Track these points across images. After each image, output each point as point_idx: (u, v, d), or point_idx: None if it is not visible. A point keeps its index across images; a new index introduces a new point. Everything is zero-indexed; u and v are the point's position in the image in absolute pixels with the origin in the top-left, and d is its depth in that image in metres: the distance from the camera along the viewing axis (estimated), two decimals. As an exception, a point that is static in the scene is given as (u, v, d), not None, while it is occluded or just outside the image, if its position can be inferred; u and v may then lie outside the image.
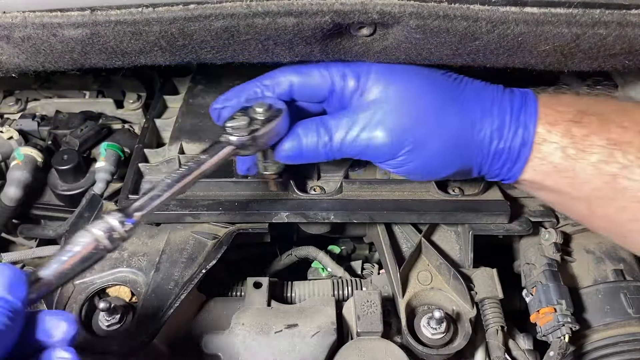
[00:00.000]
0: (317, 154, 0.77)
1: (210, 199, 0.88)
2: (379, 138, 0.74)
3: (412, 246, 0.89)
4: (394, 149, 0.74)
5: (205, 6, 0.67)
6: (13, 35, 0.70)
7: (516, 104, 0.74)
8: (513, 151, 0.74)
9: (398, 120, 0.73)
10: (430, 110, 0.73)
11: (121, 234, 0.60)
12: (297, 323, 0.80)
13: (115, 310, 0.79)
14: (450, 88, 0.75)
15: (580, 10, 0.68)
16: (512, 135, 0.73)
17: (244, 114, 0.74)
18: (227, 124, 0.73)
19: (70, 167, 1.02)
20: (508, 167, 0.76)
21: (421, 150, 0.74)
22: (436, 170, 0.77)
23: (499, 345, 0.80)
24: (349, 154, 0.77)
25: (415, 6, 0.66)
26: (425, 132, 0.73)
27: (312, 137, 0.76)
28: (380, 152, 0.75)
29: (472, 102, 0.74)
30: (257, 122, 0.73)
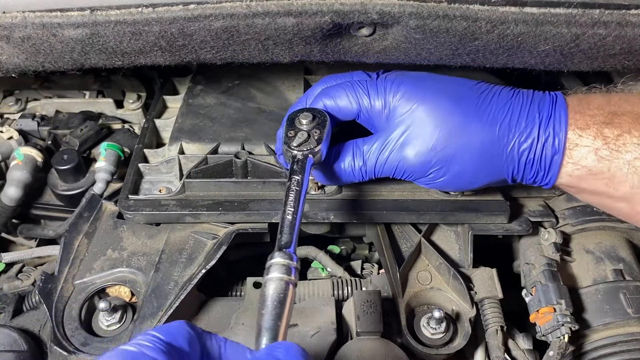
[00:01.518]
0: (354, 176, 0.81)
1: (210, 199, 0.88)
2: (408, 159, 0.77)
3: (411, 246, 0.89)
4: (423, 168, 0.77)
5: (205, 6, 0.67)
6: (13, 35, 0.70)
7: (545, 113, 0.74)
8: (545, 160, 0.75)
9: (425, 141, 0.75)
10: (457, 130, 0.75)
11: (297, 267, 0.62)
12: (297, 323, 0.80)
13: (115, 310, 0.79)
14: (477, 104, 0.76)
15: (580, 11, 0.68)
16: (542, 145, 0.74)
17: (296, 131, 0.79)
18: (293, 144, 0.78)
19: (70, 167, 1.02)
20: (542, 175, 0.76)
21: (449, 167, 0.76)
22: (467, 183, 0.79)
23: (498, 345, 0.80)
24: (383, 174, 0.80)
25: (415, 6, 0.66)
26: (452, 150, 0.75)
27: (350, 161, 0.80)
28: (411, 172, 0.78)
29: (499, 115, 0.75)
30: (314, 132, 0.78)
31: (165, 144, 1.00)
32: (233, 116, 1.02)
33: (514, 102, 0.76)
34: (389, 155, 0.77)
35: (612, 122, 0.72)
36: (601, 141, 0.72)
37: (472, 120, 0.75)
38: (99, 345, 0.77)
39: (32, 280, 0.99)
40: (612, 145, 0.71)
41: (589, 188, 0.76)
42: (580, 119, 0.73)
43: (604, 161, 0.72)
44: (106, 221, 0.92)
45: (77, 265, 0.85)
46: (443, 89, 0.77)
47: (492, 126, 0.74)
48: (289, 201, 0.72)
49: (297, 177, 0.75)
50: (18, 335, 0.80)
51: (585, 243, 0.91)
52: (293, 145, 0.78)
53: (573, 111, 0.74)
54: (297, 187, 0.74)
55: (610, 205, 0.78)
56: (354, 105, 0.80)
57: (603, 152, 0.72)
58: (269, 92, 1.08)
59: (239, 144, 0.95)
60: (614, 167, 0.72)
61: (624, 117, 0.72)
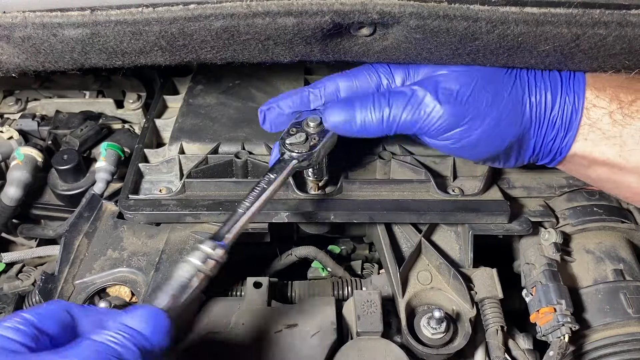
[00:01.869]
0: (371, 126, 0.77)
1: (210, 199, 0.88)
2: (440, 109, 0.75)
3: (412, 246, 0.89)
4: (455, 120, 0.75)
5: (205, 6, 0.67)
6: (13, 35, 0.70)
7: (565, 74, 0.77)
8: (566, 117, 0.75)
9: (458, 91, 0.75)
10: (489, 80, 0.76)
11: (219, 259, 0.64)
12: (297, 323, 0.80)
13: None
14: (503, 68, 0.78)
15: (580, 11, 0.68)
16: (564, 101, 0.75)
17: (298, 129, 0.78)
18: (287, 141, 0.77)
19: (70, 167, 1.02)
20: (562, 137, 0.77)
21: (483, 118, 0.76)
22: (496, 141, 0.78)
23: (498, 345, 0.80)
24: (407, 127, 0.77)
25: (415, 6, 0.66)
26: (486, 100, 0.75)
27: (369, 106, 0.76)
28: (440, 124, 0.76)
29: (524, 73, 0.77)
30: (313, 137, 0.78)
31: (165, 143, 1.00)
32: (233, 116, 1.02)
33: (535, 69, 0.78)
34: (419, 104, 0.75)
35: (628, 87, 0.74)
36: (616, 104, 0.73)
37: (502, 75, 0.77)
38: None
39: (32, 280, 0.99)
40: (625, 110, 0.72)
41: (600, 157, 0.76)
42: (598, 80, 0.75)
43: (617, 125, 0.73)
44: (106, 221, 0.92)
45: (77, 265, 0.85)
46: None
47: (521, 82, 0.76)
48: (249, 196, 0.71)
49: (271, 176, 0.74)
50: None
51: (585, 243, 0.91)
52: (286, 143, 0.77)
53: (591, 75, 0.76)
54: (265, 185, 0.73)
55: (621, 180, 0.78)
56: (374, 81, 0.79)
57: (617, 116, 0.73)
58: (269, 92, 1.08)
59: (239, 143, 0.96)
60: (625, 133, 0.73)
61: (639, 84, 0.74)
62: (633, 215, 0.94)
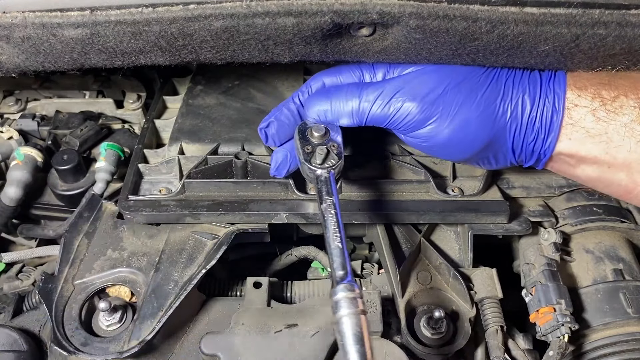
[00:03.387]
0: (342, 115, 0.79)
1: (210, 199, 0.88)
2: (409, 106, 0.75)
3: (411, 246, 0.89)
4: (424, 117, 0.76)
5: (205, 6, 0.67)
6: (13, 35, 0.70)
7: (545, 75, 0.76)
8: (546, 119, 0.75)
9: (430, 89, 0.75)
10: (464, 81, 0.75)
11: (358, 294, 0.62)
12: (297, 323, 0.80)
13: (115, 310, 0.79)
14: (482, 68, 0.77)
15: (580, 11, 0.68)
16: (543, 102, 0.74)
17: (310, 146, 0.78)
18: (315, 162, 0.77)
19: (70, 167, 1.02)
20: (542, 138, 0.76)
21: (452, 118, 0.75)
22: (466, 142, 0.77)
23: (498, 345, 0.80)
24: (376, 120, 0.78)
25: (415, 6, 0.66)
26: (457, 100, 0.75)
27: (341, 98, 0.78)
28: (409, 121, 0.76)
29: (503, 74, 0.77)
30: (332, 146, 0.78)
31: (165, 144, 1.00)
32: (233, 116, 1.02)
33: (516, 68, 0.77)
34: (390, 99, 0.76)
35: (610, 84, 0.73)
36: (599, 102, 0.72)
37: (479, 75, 0.76)
38: (99, 345, 0.77)
39: (32, 280, 0.99)
40: (609, 107, 0.72)
41: (587, 155, 0.75)
42: (578, 80, 0.75)
43: (601, 122, 0.72)
44: (106, 221, 0.92)
45: (77, 265, 0.85)
46: None
47: (497, 83, 0.76)
48: (331, 227, 0.70)
49: (329, 199, 0.73)
50: (18, 335, 0.80)
51: (585, 243, 0.91)
52: (317, 164, 0.77)
53: (571, 74, 0.76)
54: (332, 209, 0.72)
55: (611, 178, 0.77)
56: (356, 77, 0.80)
57: (600, 114, 0.72)
58: (269, 92, 1.08)
59: (239, 144, 0.96)
60: (611, 129, 0.72)
61: (620, 81, 0.73)
62: (632, 215, 0.94)
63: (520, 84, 0.76)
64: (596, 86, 0.73)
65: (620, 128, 0.71)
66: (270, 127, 0.85)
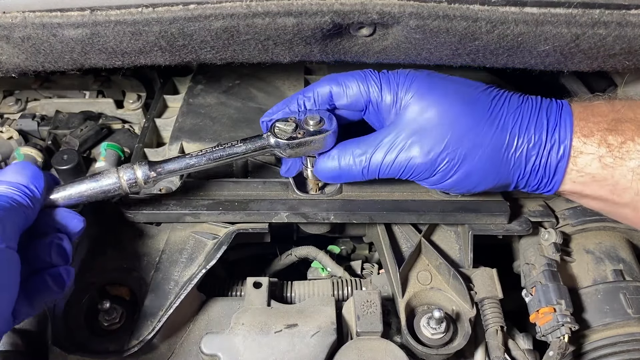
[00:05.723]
0: (355, 176, 0.80)
1: (210, 198, 0.88)
2: (415, 158, 0.76)
3: (412, 246, 0.89)
4: (430, 169, 0.76)
5: (205, 6, 0.67)
6: (13, 35, 0.70)
7: (552, 120, 0.75)
8: (550, 167, 0.75)
9: (435, 142, 0.75)
10: (467, 132, 0.74)
11: (140, 184, 0.73)
12: (297, 323, 0.80)
13: (115, 310, 0.79)
14: (488, 108, 0.76)
15: (580, 11, 0.68)
16: (548, 151, 0.74)
17: (295, 120, 0.78)
18: (276, 124, 0.78)
19: (70, 167, 1.02)
20: (545, 182, 0.77)
21: (458, 169, 0.76)
22: (472, 186, 0.78)
23: (498, 345, 0.80)
24: (387, 174, 0.79)
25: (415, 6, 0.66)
26: (462, 153, 0.75)
27: (349, 160, 0.78)
28: (418, 172, 0.77)
29: (509, 120, 0.75)
30: (300, 132, 0.77)
31: (165, 143, 1.01)
32: (233, 116, 1.02)
33: (524, 108, 0.76)
34: (398, 155, 0.76)
35: (616, 129, 0.72)
36: (605, 148, 0.72)
37: (484, 124, 0.75)
38: (99, 345, 0.77)
39: (32, 280, 0.99)
40: (615, 153, 0.71)
41: (592, 194, 0.76)
42: (585, 126, 0.74)
43: (607, 168, 0.72)
44: (107, 221, 0.92)
45: (78, 265, 0.85)
46: (456, 90, 0.77)
47: (502, 132, 0.74)
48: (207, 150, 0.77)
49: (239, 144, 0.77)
50: (18, 335, 0.80)
51: (585, 243, 0.91)
52: (275, 124, 0.78)
53: (578, 118, 0.74)
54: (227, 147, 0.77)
55: (615, 211, 0.78)
56: (364, 95, 0.78)
57: (607, 160, 0.72)
58: (269, 91, 1.08)
59: (239, 143, 0.95)
60: (617, 174, 0.72)
61: (627, 124, 0.72)
62: (633, 216, 0.94)
63: (526, 133, 0.74)
64: (603, 132, 0.73)
65: (627, 172, 0.71)
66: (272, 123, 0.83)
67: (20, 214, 0.66)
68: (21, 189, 0.68)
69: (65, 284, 0.69)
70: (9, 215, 0.65)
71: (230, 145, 0.77)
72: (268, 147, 0.78)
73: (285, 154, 0.78)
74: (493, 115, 0.75)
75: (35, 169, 0.71)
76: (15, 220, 0.65)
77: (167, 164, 0.76)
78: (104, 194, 0.73)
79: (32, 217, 0.69)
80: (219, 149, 0.77)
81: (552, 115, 0.75)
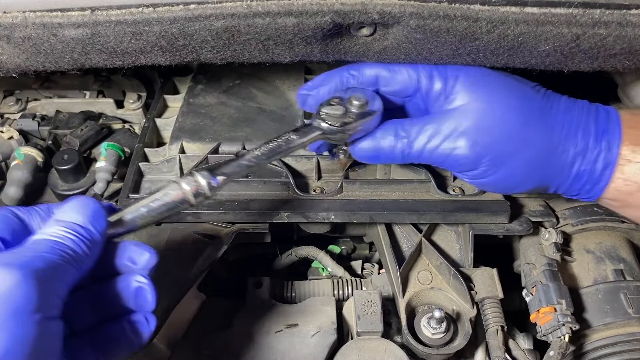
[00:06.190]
0: (394, 158, 0.77)
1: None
2: (460, 149, 0.74)
3: (412, 246, 0.89)
4: (474, 161, 0.74)
5: (206, 6, 0.67)
6: (13, 35, 0.70)
7: (600, 126, 0.73)
8: (595, 173, 0.73)
9: (482, 134, 0.73)
10: (516, 127, 0.73)
11: (205, 193, 0.65)
12: (297, 323, 0.80)
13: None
14: (537, 105, 0.74)
15: (580, 11, 0.68)
16: (594, 158, 0.73)
17: (340, 102, 0.74)
18: (323, 110, 0.74)
19: (70, 167, 1.02)
20: (588, 188, 0.75)
21: (502, 165, 0.74)
22: (514, 185, 0.77)
23: (499, 345, 0.80)
24: (426, 161, 0.77)
25: (416, 6, 0.66)
26: (508, 148, 0.73)
27: (391, 141, 0.76)
28: (460, 163, 0.75)
29: (558, 122, 0.73)
30: (351, 115, 0.73)
31: (165, 143, 1.00)
32: (234, 116, 1.02)
33: (573, 111, 0.74)
34: (441, 142, 0.74)
35: None
36: None
37: (534, 121, 0.73)
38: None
39: (32, 280, 0.99)
40: None
41: (635, 203, 0.74)
42: (634, 134, 0.72)
43: None
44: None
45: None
46: (507, 84, 0.75)
47: (551, 132, 0.73)
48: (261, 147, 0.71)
49: (291, 136, 0.72)
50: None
51: (585, 243, 0.91)
52: (322, 111, 0.74)
53: (627, 126, 0.73)
54: (282, 142, 0.72)
55: None
56: (413, 81, 0.76)
57: None
58: (270, 91, 1.08)
59: (240, 143, 0.96)
60: None
61: None
62: (633, 215, 0.94)
63: (574, 137, 0.73)
64: None
65: None
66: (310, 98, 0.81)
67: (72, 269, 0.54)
68: (79, 231, 0.56)
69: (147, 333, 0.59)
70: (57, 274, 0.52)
71: (286, 140, 0.72)
72: (321, 136, 0.75)
73: (336, 138, 0.76)
74: (544, 113, 0.73)
75: (97, 206, 0.59)
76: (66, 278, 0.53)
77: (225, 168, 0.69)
78: (169, 211, 0.64)
79: (90, 265, 0.57)
80: (273, 145, 0.72)
81: (601, 121, 0.74)
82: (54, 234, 0.55)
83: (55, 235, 0.55)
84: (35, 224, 0.59)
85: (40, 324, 0.48)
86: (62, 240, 0.55)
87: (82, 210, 0.58)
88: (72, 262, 0.54)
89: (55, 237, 0.55)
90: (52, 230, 0.55)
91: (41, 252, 0.53)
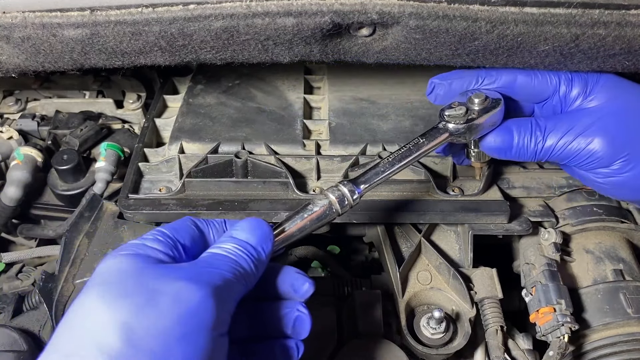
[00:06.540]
0: (525, 153, 0.78)
1: (210, 198, 0.88)
2: (596, 144, 0.75)
3: (411, 246, 0.89)
4: (611, 157, 0.75)
5: (205, 6, 0.67)
6: (13, 36, 0.70)
7: None
8: None
9: (621, 131, 0.74)
10: None
11: (350, 202, 0.69)
12: (297, 323, 0.80)
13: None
14: None
15: (580, 11, 0.68)
16: None
17: (461, 104, 0.78)
18: (446, 112, 0.78)
19: (70, 167, 1.02)
20: None
21: (636, 163, 0.74)
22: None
23: (498, 345, 0.80)
24: (557, 158, 0.78)
25: (415, 6, 0.66)
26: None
27: (526, 135, 0.77)
28: (593, 160, 0.76)
29: None
30: (473, 112, 0.77)
31: (165, 143, 1.00)
32: (233, 116, 1.02)
33: None
34: (575, 138, 0.75)
35: None
36: None
37: None
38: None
39: (32, 280, 0.99)
40: None
41: None
42: None
43: None
44: (107, 221, 0.92)
45: (78, 265, 0.85)
46: None
47: None
48: (393, 154, 0.75)
49: (420, 140, 0.76)
50: (18, 335, 0.80)
51: (585, 243, 0.91)
52: (444, 113, 0.78)
53: None
54: (412, 147, 0.76)
55: None
56: (553, 84, 0.78)
57: None
58: (269, 91, 1.08)
59: (239, 143, 0.96)
60: None
61: None
62: (633, 215, 0.94)
63: None
64: None
65: None
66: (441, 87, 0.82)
67: (241, 287, 0.57)
68: (250, 251, 0.59)
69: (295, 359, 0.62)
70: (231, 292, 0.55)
71: (415, 145, 0.76)
72: (448, 137, 0.77)
73: (464, 137, 0.78)
74: None
75: (268, 229, 0.63)
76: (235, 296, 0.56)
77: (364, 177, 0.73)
78: (320, 224, 0.69)
79: (253, 284, 0.59)
80: (404, 150, 0.76)
81: None
82: (230, 251, 0.58)
83: (231, 252, 0.58)
84: (211, 236, 0.63)
85: (215, 340, 0.52)
86: (237, 258, 0.58)
87: (255, 232, 0.61)
88: (242, 280, 0.57)
89: (231, 254, 0.58)
90: (228, 247, 0.59)
91: (220, 268, 0.56)
